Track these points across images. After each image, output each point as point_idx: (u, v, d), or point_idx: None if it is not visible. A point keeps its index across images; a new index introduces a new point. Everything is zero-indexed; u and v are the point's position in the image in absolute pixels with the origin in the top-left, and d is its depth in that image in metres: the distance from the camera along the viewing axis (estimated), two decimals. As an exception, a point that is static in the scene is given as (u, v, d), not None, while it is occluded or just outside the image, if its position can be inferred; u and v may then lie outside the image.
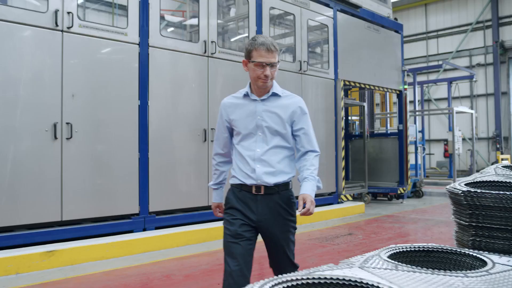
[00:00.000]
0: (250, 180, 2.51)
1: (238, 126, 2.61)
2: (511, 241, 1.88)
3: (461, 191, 1.99)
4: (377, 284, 1.27)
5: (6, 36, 4.70)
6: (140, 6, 5.76)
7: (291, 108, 2.61)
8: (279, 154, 2.55)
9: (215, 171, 2.81)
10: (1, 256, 4.33)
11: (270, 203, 2.50)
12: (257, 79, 2.51)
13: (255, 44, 2.49)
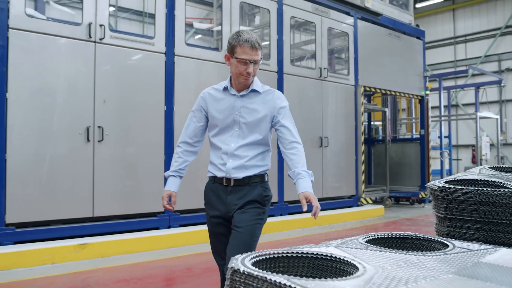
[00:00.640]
0: (220, 172, 2.56)
1: (215, 119, 2.62)
2: (480, 231, 2.14)
3: (438, 187, 2.26)
4: (341, 257, 1.56)
5: (44, 47, 5.15)
6: (167, 18, 6.16)
7: (271, 103, 2.63)
8: (253, 150, 2.58)
9: (177, 159, 2.75)
10: (39, 247, 4.76)
11: (239, 194, 2.55)
12: (239, 75, 2.53)
13: (239, 40, 2.48)
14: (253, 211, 2.53)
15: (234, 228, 2.50)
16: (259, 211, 2.56)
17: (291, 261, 1.59)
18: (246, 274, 1.34)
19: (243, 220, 2.49)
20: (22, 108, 4.97)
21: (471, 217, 2.15)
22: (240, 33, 2.53)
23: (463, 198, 2.16)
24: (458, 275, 1.45)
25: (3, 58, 4.84)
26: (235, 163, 2.54)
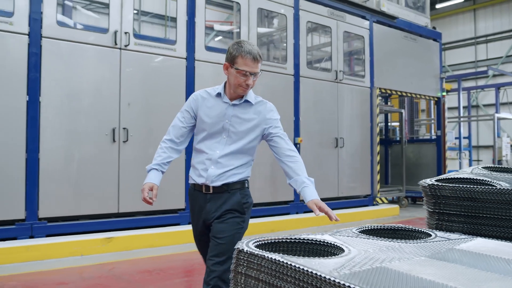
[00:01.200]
0: (201, 179, 2.55)
1: (204, 124, 2.59)
2: (464, 224, 2.39)
3: (427, 184, 2.51)
4: (331, 243, 1.84)
5: (73, 54, 5.52)
6: (187, 25, 6.48)
7: (263, 114, 2.62)
8: (238, 160, 2.58)
9: (161, 153, 2.68)
10: (69, 240, 5.14)
11: (218, 202, 2.54)
12: (238, 86, 2.50)
13: (241, 50, 2.45)
14: (232, 221, 2.52)
15: (213, 239, 2.49)
16: (238, 221, 2.55)
17: (289, 246, 1.87)
18: (248, 253, 1.62)
19: (222, 231, 2.48)
20: (53, 111, 5.35)
21: (457, 212, 2.40)
22: (242, 43, 2.50)
23: (449, 194, 2.41)
24: (430, 258, 1.71)
25: (36, 65, 5.22)
26: (217, 171, 2.52)
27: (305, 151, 7.83)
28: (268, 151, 7.28)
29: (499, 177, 2.71)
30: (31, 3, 5.20)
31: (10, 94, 5.08)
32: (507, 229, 2.25)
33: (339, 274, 1.39)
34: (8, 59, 5.08)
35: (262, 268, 1.57)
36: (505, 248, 1.89)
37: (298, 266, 1.46)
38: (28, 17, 5.19)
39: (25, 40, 5.18)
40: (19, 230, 5.11)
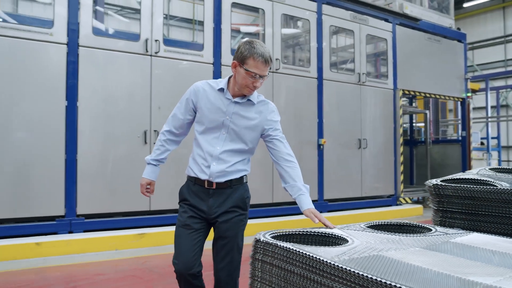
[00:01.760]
0: (203, 175, 2.53)
1: (203, 117, 2.57)
2: (465, 220, 2.61)
3: (432, 184, 2.73)
4: (338, 235, 2.09)
5: (108, 61, 5.89)
6: (214, 31, 6.79)
7: (264, 114, 2.61)
8: (237, 157, 2.58)
9: (160, 147, 2.72)
10: (105, 236, 5.50)
11: (221, 197, 2.54)
12: (245, 86, 2.48)
13: (254, 52, 2.40)
14: (237, 219, 2.58)
15: (220, 240, 2.57)
16: (241, 218, 2.61)
17: (302, 237, 2.13)
18: (264, 242, 1.90)
19: (228, 230, 2.55)
20: (90, 115, 5.72)
21: (458, 209, 2.62)
22: (254, 44, 2.44)
23: (452, 193, 2.63)
24: (424, 249, 1.95)
25: (74, 72, 5.61)
26: (219, 167, 2.53)
27: (328, 152, 8.05)
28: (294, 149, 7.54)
29: (503, 177, 2.90)
30: (69, 15, 5.59)
31: (51, 100, 5.48)
32: (505, 225, 2.46)
33: (339, 259, 1.65)
34: (49, 67, 5.48)
35: (276, 255, 1.84)
36: (496, 241, 2.11)
37: (305, 253, 1.72)
38: (67, 28, 5.58)
39: (64, 49, 5.57)
40: (59, 226, 5.51)
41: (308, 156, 7.80)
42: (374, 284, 1.44)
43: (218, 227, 2.56)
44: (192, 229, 2.54)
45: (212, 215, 2.55)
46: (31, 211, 5.40)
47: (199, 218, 2.56)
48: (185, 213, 2.57)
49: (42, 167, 5.43)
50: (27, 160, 5.34)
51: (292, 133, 7.59)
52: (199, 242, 2.56)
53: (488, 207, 2.50)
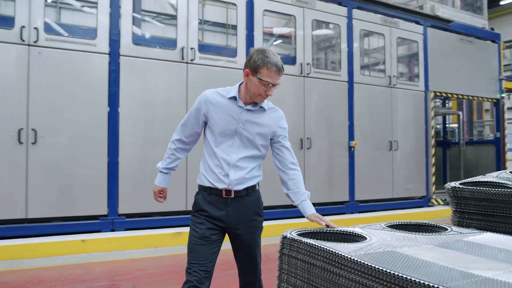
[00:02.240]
0: (221, 184, 2.55)
1: (216, 125, 2.60)
2: (481, 221, 2.76)
3: (451, 187, 2.90)
4: (359, 233, 2.30)
5: (147, 69, 6.23)
6: (247, 38, 7.05)
7: (275, 121, 2.67)
8: (252, 163, 2.63)
9: (170, 155, 2.76)
10: (144, 234, 5.84)
11: (239, 205, 2.58)
12: (258, 95, 2.53)
13: (267, 61, 2.46)
14: (257, 227, 2.68)
15: (243, 249, 2.65)
16: (260, 224, 2.71)
17: (325, 235, 2.35)
18: (290, 239, 2.13)
19: (250, 240, 2.64)
20: (130, 120, 6.08)
21: (475, 210, 2.78)
22: (267, 53, 2.49)
23: (468, 195, 2.80)
24: (436, 246, 2.13)
25: (116, 80, 5.97)
26: (237, 175, 2.57)
27: (359, 153, 8.20)
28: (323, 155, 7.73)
29: (523, 181, 3.04)
30: (111, 27, 5.96)
31: (95, 106, 5.86)
32: (518, 226, 2.61)
33: (356, 254, 1.87)
34: (93, 75, 5.86)
35: (300, 250, 2.07)
36: (506, 241, 2.27)
37: (326, 248, 1.95)
38: (108, 38, 5.95)
39: (106, 58, 5.94)
40: (102, 224, 5.88)
41: (339, 158, 7.97)
42: (384, 275, 1.65)
43: (240, 237, 2.61)
44: (210, 241, 2.55)
45: (231, 225, 2.59)
46: (77, 210, 5.79)
47: (217, 229, 2.58)
48: (202, 224, 2.57)
49: (86, 169, 5.80)
50: (73, 163, 5.72)
51: (323, 136, 7.78)
52: (215, 254, 2.58)
53: (503, 208, 2.65)
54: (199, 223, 2.58)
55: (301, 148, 7.51)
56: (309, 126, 7.62)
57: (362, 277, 1.76)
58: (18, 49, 5.41)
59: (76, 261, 5.26)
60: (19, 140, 5.40)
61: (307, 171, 7.55)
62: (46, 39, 5.56)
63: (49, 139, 5.57)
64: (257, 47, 2.65)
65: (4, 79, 5.36)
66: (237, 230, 2.60)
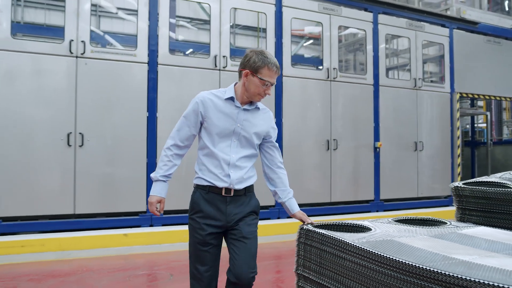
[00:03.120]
0: (222, 183, 2.60)
1: (214, 127, 2.63)
2: (480, 217, 3.09)
3: (454, 186, 3.24)
4: (366, 225, 2.68)
5: (182, 76, 6.71)
6: (276, 45, 7.46)
7: (268, 121, 2.79)
8: (249, 162, 2.72)
9: (167, 162, 2.70)
10: (180, 229, 6.32)
11: (238, 204, 2.65)
12: (257, 94, 2.62)
13: (267, 61, 2.57)
14: (254, 223, 2.72)
15: (243, 240, 2.62)
16: (257, 222, 2.77)
17: (337, 227, 2.74)
18: (306, 229, 2.53)
19: (250, 232, 2.65)
20: (167, 124, 6.56)
21: (474, 207, 3.11)
22: (266, 54, 2.61)
23: (469, 194, 3.13)
24: (431, 237, 2.49)
25: (154, 87, 6.48)
26: (237, 174, 2.64)
27: (384, 154, 8.49)
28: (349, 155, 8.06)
29: (522, 181, 3.35)
30: (149, 38, 6.47)
31: (135, 112, 6.38)
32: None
33: (359, 241, 2.26)
34: (134, 83, 6.38)
35: (314, 238, 2.48)
36: (495, 233, 2.61)
37: (335, 237, 2.34)
38: (147, 49, 6.46)
39: (145, 67, 6.45)
40: (142, 220, 6.40)
41: (364, 158, 8.28)
42: (379, 257, 2.04)
43: (240, 229, 2.64)
44: (212, 246, 2.64)
45: (230, 223, 2.63)
46: (119, 207, 6.32)
47: (216, 232, 2.63)
48: (202, 230, 2.61)
49: (127, 169, 6.33)
50: (115, 163, 6.26)
51: (349, 137, 8.11)
52: (218, 257, 2.69)
53: (499, 205, 2.98)
54: (198, 228, 2.62)
55: (328, 149, 7.86)
56: (336, 128, 7.97)
57: (361, 259, 2.16)
58: (67, 61, 5.98)
59: (118, 253, 5.78)
60: (68, 143, 5.96)
61: (333, 171, 7.91)
62: (92, 51, 6.11)
63: (94, 142, 6.12)
64: (253, 48, 2.71)
65: (55, 88, 5.93)
66: (236, 226, 2.64)
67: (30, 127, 5.81)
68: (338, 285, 2.29)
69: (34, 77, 5.83)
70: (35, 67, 5.83)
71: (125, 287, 4.47)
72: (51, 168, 5.91)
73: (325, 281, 2.38)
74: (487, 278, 1.67)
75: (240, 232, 2.63)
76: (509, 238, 2.46)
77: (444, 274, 1.75)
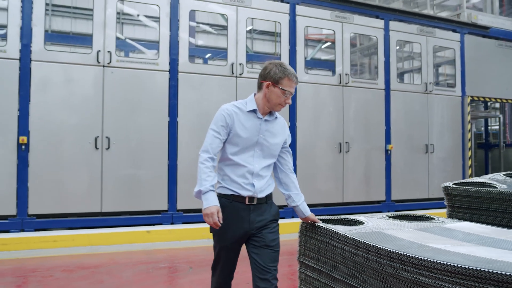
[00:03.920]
0: (246, 191, 2.68)
1: (239, 138, 2.71)
2: (467, 214, 3.43)
3: (444, 186, 3.58)
4: (360, 220, 3.04)
5: (201, 83, 7.14)
6: (290, 53, 7.84)
7: (285, 129, 2.91)
8: (269, 171, 2.83)
9: (210, 173, 2.68)
10: (199, 227, 6.74)
11: (260, 211, 2.72)
12: (278, 104, 2.74)
13: (287, 72, 2.70)
14: (276, 230, 2.80)
15: (267, 248, 2.69)
16: (278, 229, 2.83)
17: (335, 221, 3.11)
18: (306, 223, 2.91)
19: (273, 240, 2.73)
20: (187, 128, 7.00)
21: (462, 205, 3.45)
22: (285, 65, 2.73)
23: (457, 193, 3.47)
24: (416, 230, 2.85)
25: (175, 93, 6.92)
26: (261, 183, 2.74)
27: (395, 156, 8.79)
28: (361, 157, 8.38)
29: (508, 182, 3.68)
30: (170, 48, 6.91)
31: (157, 117, 6.83)
32: (495, 217, 3.27)
33: (350, 233, 2.63)
34: (156, 90, 6.83)
35: (314, 231, 2.86)
36: (474, 227, 2.95)
37: (330, 228, 2.72)
38: (169, 58, 6.91)
39: (167, 75, 6.90)
40: (163, 218, 6.84)
41: (376, 160, 8.60)
42: (364, 245, 2.41)
43: (263, 236, 2.71)
44: (236, 251, 2.76)
45: (252, 230, 2.71)
46: (142, 206, 6.78)
47: (239, 239, 2.72)
48: (226, 237, 2.71)
49: (150, 170, 6.78)
50: (139, 165, 6.72)
51: (361, 140, 8.45)
52: (236, 264, 2.82)
53: (482, 203, 3.31)
54: (222, 234, 2.71)
55: (340, 152, 8.20)
56: (348, 131, 8.31)
57: (351, 247, 2.54)
58: (95, 70, 6.46)
59: (142, 248, 6.23)
60: (96, 146, 6.44)
61: (346, 173, 8.25)
62: (117, 60, 6.58)
63: (119, 145, 6.58)
64: (271, 61, 2.83)
65: (84, 95, 6.42)
66: (259, 233, 2.72)
67: (61, 132, 6.31)
68: (332, 270, 2.67)
69: (65, 85, 6.33)
70: (65, 76, 6.33)
71: (148, 277, 4.90)
72: (80, 169, 6.40)
73: (322, 267, 2.76)
74: (448, 260, 2.03)
75: (263, 240, 2.69)
76: (484, 231, 2.80)
77: (413, 257, 2.12)
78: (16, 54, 6.09)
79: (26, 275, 4.97)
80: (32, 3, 6.18)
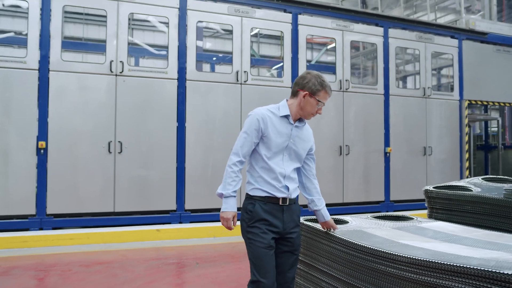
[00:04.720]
0: (280, 193, 2.78)
1: (272, 142, 2.79)
2: (444, 214, 3.81)
3: (425, 189, 3.96)
4: (345, 220, 3.44)
5: (208, 90, 7.56)
6: (292, 60, 8.23)
7: (311, 137, 3.02)
8: (296, 174, 2.96)
9: (235, 178, 2.77)
10: (206, 226, 7.16)
11: (291, 212, 2.84)
12: (310, 113, 2.86)
13: (325, 85, 2.82)
14: (300, 235, 2.97)
15: (294, 252, 2.86)
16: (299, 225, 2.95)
17: (324, 221, 3.50)
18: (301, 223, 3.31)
19: (299, 245, 2.91)
20: (194, 132, 7.42)
21: (440, 207, 3.83)
22: (323, 78, 2.85)
23: (435, 196, 3.85)
24: (394, 228, 3.23)
25: (183, 100, 7.35)
26: (293, 185, 2.87)
27: (394, 158, 9.15)
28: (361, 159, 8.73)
29: (483, 185, 4.06)
30: (179, 57, 7.33)
31: (166, 122, 7.26)
32: (468, 217, 3.65)
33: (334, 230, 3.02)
34: (165, 97, 7.26)
35: (303, 228, 3.26)
36: (446, 226, 3.34)
37: (316, 227, 3.12)
38: (177, 67, 7.33)
39: (175, 83, 7.33)
40: (172, 218, 7.27)
41: (375, 162, 8.96)
42: (343, 241, 2.81)
43: (291, 242, 2.85)
44: (273, 248, 2.77)
45: (286, 230, 2.81)
46: (152, 206, 7.21)
47: (274, 237, 2.79)
48: (266, 234, 2.74)
49: (159, 172, 7.21)
50: (149, 167, 7.15)
51: (361, 143, 8.82)
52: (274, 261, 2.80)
53: (457, 205, 3.69)
54: (263, 233, 2.74)
55: (340, 154, 8.59)
56: (348, 134, 8.69)
57: (332, 242, 2.93)
58: (108, 79, 6.91)
59: (152, 246, 6.66)
60: (109, 150, 6.88)
61: (346, 174, 8.63)
62: (129, 69, 7.02)
63: (131, 149, 7.02)
64: (310, 71, 2.94)
65: (98, 102, 6.86)
66: (291, 234, 2.83)
67: (77, 137, 6.75)
68: (318, 263, 3.07)
69: (80, 94, 6.78)
70: (81, 85, 6.78)
71: (158, 272, 5.33)
72: (94, 172, 6.84)
73: (309, 260, 3.17)
74: (411, 254, 2.42)
75: (292, 245, 2.84)
76: (453, 230, 3.19)
77: (381, 251, 2.52)
78: (35, 65, 6.55)
79: (47, 269, 5.42)
80: (51, 15, 6.63)
